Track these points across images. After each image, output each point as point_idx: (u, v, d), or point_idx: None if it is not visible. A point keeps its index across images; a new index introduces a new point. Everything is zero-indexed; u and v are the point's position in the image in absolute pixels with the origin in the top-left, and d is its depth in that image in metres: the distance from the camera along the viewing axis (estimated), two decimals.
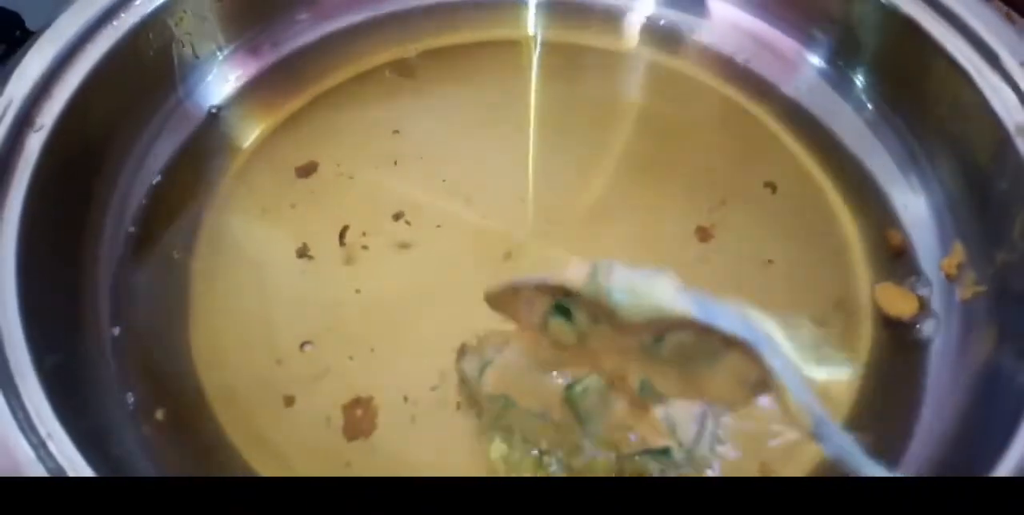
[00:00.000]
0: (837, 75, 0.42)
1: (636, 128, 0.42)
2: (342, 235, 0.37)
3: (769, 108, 0.42)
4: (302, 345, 0.35)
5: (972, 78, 0.34)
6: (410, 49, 0.44)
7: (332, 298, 0.36)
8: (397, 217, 0.38)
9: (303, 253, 0.37)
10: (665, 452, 0.32)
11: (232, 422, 0.34)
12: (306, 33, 0.43)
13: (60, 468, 0.27)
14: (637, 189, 0.40)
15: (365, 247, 0.37)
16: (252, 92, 0.42)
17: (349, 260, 0.37)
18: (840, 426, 0.34)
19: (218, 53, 0.41)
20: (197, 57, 0.40)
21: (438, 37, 0.44)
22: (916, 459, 0.33)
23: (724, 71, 0.43)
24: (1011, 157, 0.33)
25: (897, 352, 0.35)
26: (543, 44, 0.44)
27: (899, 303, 0.36)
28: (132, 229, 0.38)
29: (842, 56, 0.41)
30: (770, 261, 0.37)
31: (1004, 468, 0.27)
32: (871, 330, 0.36)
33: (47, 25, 0.35)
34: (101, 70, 0.35)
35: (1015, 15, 0.39)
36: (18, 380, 0.28)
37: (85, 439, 0.28)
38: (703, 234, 0.38)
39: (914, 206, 0.39)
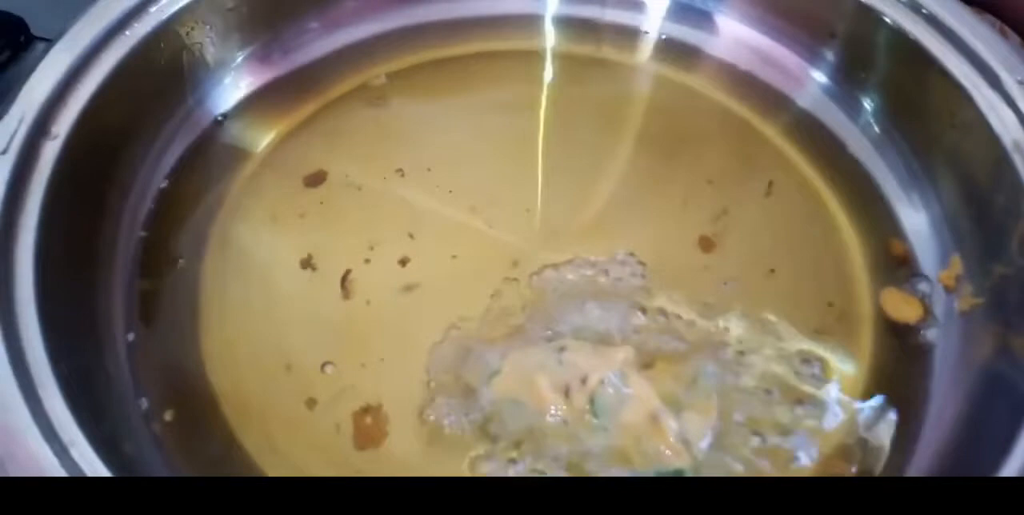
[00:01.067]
0: (840, 91, 0.42)
1: (642, 140, 0.42)
2: (345, 277, 0.37)
3: (773, 122, 0.42)
4: (313, 352, 0.36)
5: (971, 95, 0.35)
6: (422, 58, 0.44)
7: (342, 308, 0.37)
8: (404, 227, 0.39)
9: (308, 263, 0.38)
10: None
11: (243, 426, 0.34)
12: (317, 42, 0.43)
13: (82, 473, 0.27)
14: (642, 199, 0.40)
15: (368, 261, 0.38)
16: (263, 100, 0.42)
17: (357, 270, 0.38)
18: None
19: (229, 61, 0.41)
20: (208, 65, 0.41)
21: (450, 47, 0.44)
22: (919, 465, 0.33)
23: (731, 86, 0.43)
24: (1008, 173, 0.34)
25: (900, 358, 0.36)
26: (553, 56, 0.45)
27: (904, 308, 0.37)
28: (143, 235, 0.38)
29: (844, 72, 0.42)
30: (772, 270, 0.38)
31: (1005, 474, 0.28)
32: (873, 336, 0.37)
33: (60, 34, 0.35)
34: (114, 79, 0.35)
35: (1008, 30, 0.40)
36: (40, 390, 0.29)
37: (103, 444, 0.29)
38: (706, 243, 0.39)
39: (914, 219, 0.39)
